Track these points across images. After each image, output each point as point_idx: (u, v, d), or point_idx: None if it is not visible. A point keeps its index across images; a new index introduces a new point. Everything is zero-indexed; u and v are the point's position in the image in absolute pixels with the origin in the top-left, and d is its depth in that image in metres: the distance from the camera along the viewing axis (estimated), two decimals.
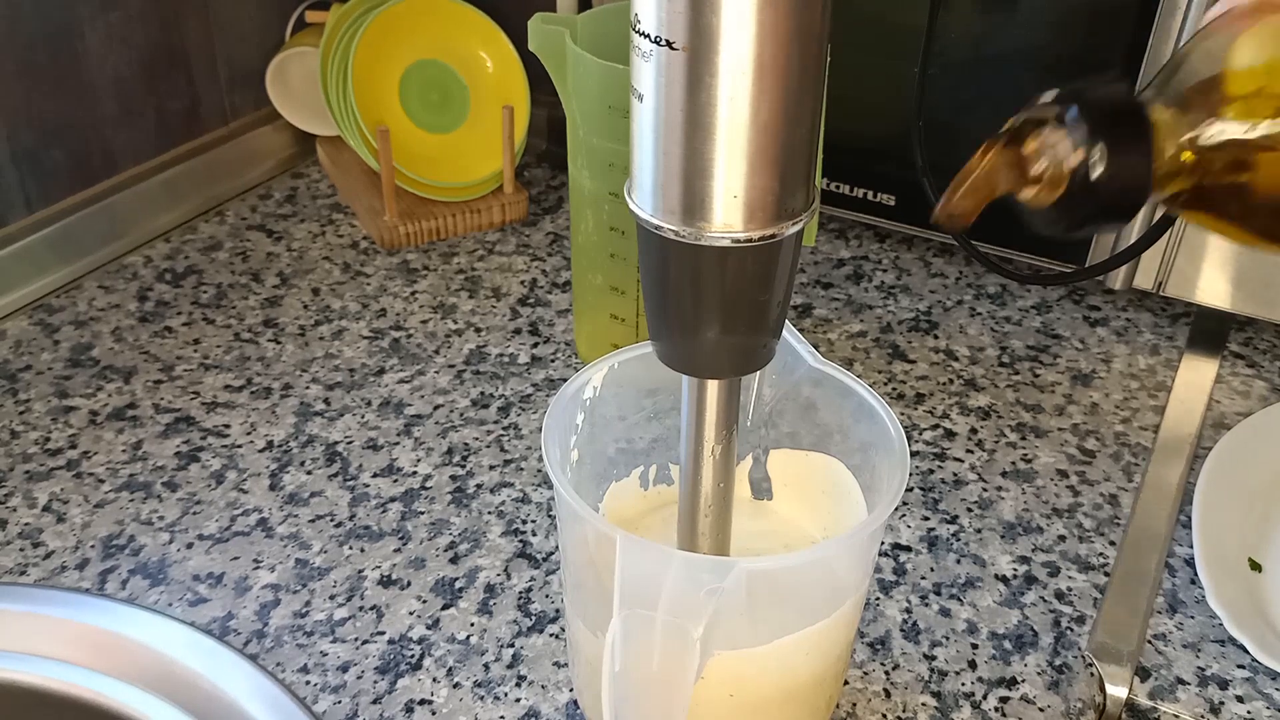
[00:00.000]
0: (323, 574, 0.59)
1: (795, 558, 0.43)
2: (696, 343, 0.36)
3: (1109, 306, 0.83)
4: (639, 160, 0.33)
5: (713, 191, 0.32)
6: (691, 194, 0.32)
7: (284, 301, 0.82)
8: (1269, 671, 0.54)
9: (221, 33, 0.94)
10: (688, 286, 0.34)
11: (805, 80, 0.32)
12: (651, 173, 0.33)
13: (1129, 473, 0.67)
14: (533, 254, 0.89)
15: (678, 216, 0.33)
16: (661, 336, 0.36)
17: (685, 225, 0.33)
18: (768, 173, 0.32)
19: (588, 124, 0.64)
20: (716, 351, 0.36)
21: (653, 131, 0.32)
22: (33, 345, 0.76)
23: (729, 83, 0.30)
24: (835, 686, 0.46)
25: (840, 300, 0.83)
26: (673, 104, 0.31)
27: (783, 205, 0.33)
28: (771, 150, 0.32)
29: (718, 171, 0.32)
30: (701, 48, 0.30)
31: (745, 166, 0.32)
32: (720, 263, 0.33)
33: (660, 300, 0.35)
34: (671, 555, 0.36)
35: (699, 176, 0.32)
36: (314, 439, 0.68)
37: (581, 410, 0.46)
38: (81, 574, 0.59)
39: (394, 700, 0.52)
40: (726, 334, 0.35)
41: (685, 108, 0.31)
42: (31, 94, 0.80)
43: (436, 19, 0.91)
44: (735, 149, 0.32)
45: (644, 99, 0.32)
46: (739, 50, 0.30)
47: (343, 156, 0.98)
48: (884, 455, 0.43)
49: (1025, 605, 0.58)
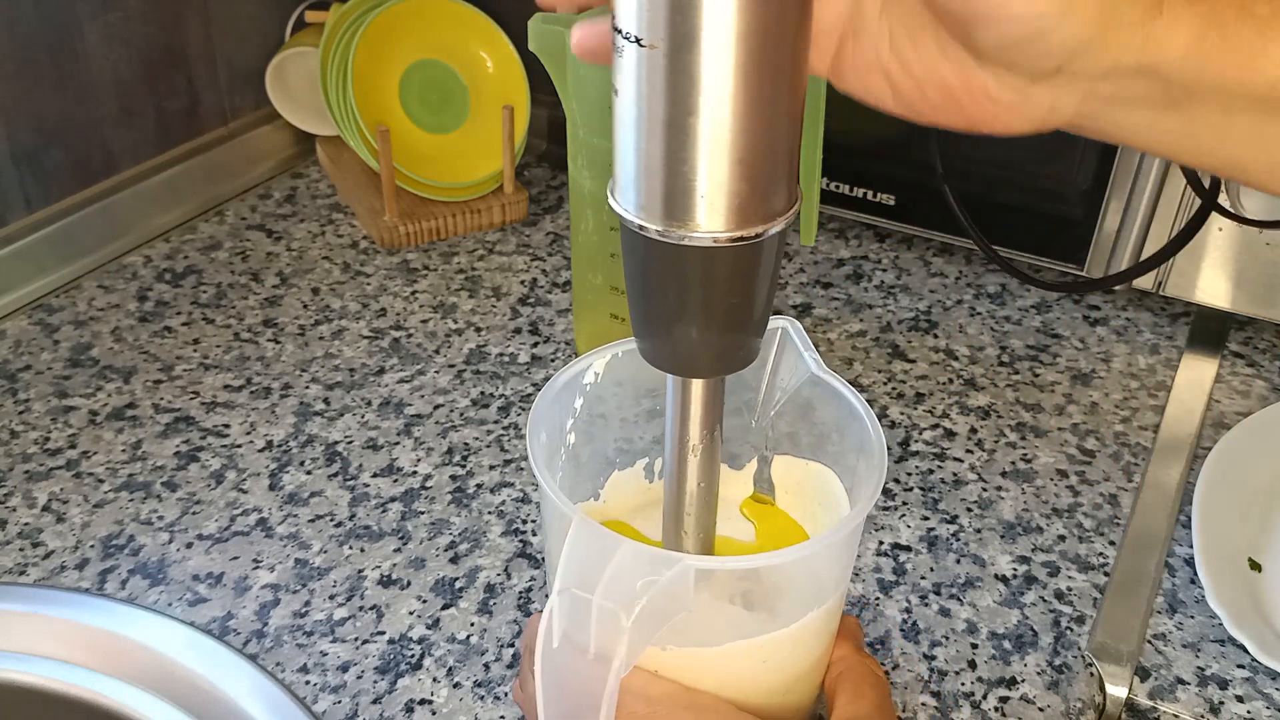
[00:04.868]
0: (323, 574, 0.59)
1: (745, 560, 0.43)
2: (679, 342, 0.36)
3: (1109, 306, 0.83)
4: (620, 160, 0.33)
5: (693, 192, 0.32)
6: (672, 194, 0.32)
7: (284, 301, 0.82)
8: (1269, 671, 0.54)
9: (221, 33, 0.94)
10: (670, 287, 0.34)
11: (784, 80, 0.31)
12: (632, 172, 0.33)
13: (1129, 473, 0.67)
14: (533, 254, 0.89)
15: (659, 216, 0.33)
16: (645, 335, 0.36)
17: (667, 225, 0.33)
18: (748, 173, 0.32)
19: (588, 124, 0.64)
20: (699, 351, 0.36)
21: (632, 131, 0.32)
22: (32, 345, 0.76)
23: (707, 82, 0.30)
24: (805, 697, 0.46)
25: (840, 300, 0.83)
26: (651, 103, 0.31)
27: (764, 205, 0.33)
28: (751, 150, 0.31)
29: (698, 172, 0.32)
30: (678, 47, 0.30)
31: (725, 167, 0.32)
32: (702, 263, 0.33)
33: (643, 300, 0.35)
34: (619, 542, 0.36)
35: (679, 177, 0.32)
36: (314, 439, 0.68)
37: (580, 395, 0.46)
38: (81, 574, 0.59)
39: (394, 700, 0.52)
40: (709, 333, 0.35)
41: (663, 107, 0.31)
42: (31, 94, 0.80)
43: (436, 19, 0.91)
44: (715, 149, 0.31)
45: (622, 97, 0.32)
46: (717, 49, 0.30)
47: (343, 156, 0.98)
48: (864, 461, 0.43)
49: (1025, 605, 0.58)
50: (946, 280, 0.86)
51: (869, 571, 0.60)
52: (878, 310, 0.82)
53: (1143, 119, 0.32)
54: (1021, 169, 0.77)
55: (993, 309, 0.83)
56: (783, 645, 0.42)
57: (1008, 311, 0.82)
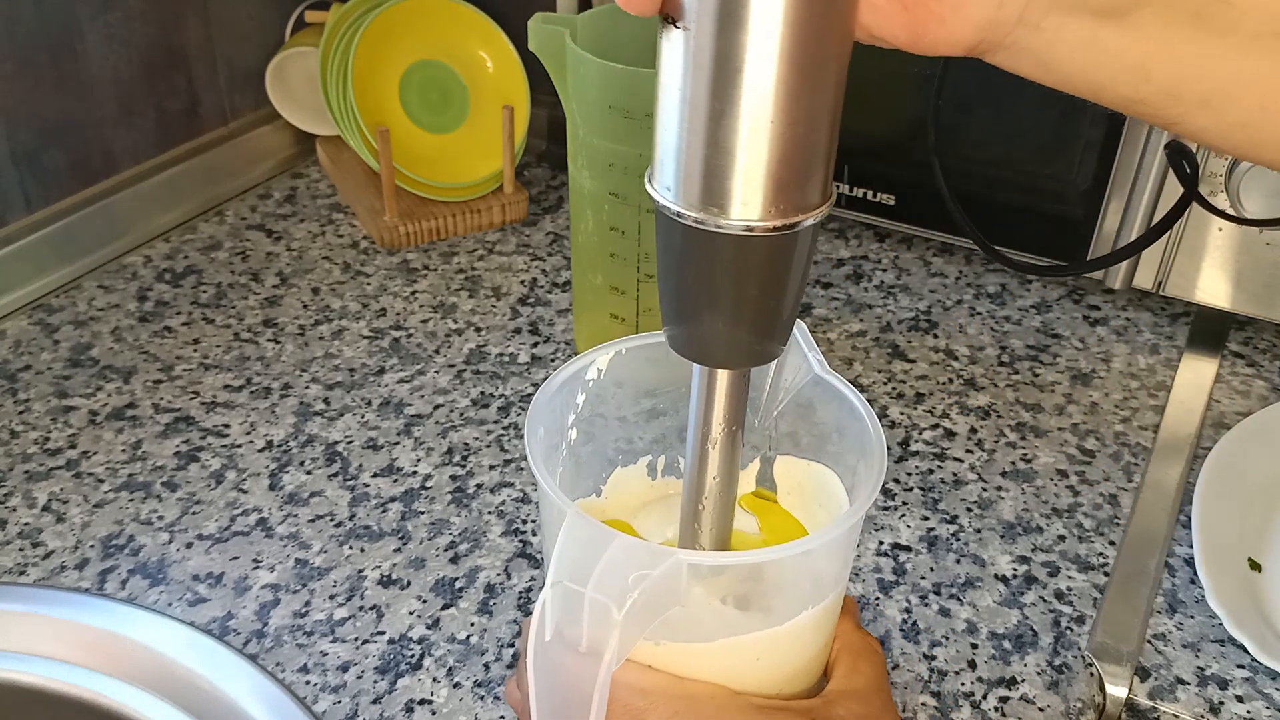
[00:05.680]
0: (323, 574, 0.59)
1: (740, 556, 0.43)
2: (707, 330, 0.36)
3: (1109, 306, 0.83)
4: (660, 145, 0.34)
5: (731, 180, 0.32)
6: (709, 182, 0.32)
7: (284, 301, 0.82)
8: (1269, 671, 0.54)
9: (221, 33, 0.94)
10: (703, 274, 0.34)
11: (829, 71, 0.31)
12: (671, 158, 0.33)
13: (1129, 472, 0.67)
14: (533, 254, 0.89)
15: (695, 203, 0.33)
16: (674, 322, 0.37)
17: (702, 212, 0.33)
18: (787, 163, 0.32)
19: (588, 124, 0.64)
20: (727, 341, 0.36)
21: (674, 116, 0.32)
22: (32, 345, 0.76)
23: (750, 68, 0.30)
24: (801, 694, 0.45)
25: (840, 300, 0.83)
26: (694, 89, 0.31)
27: (801, 196, 0.33)
28: (791, 141, 0.32)
29: (736, 160, 0.32)
30: (722, 31, 0.30)
31: (765, 156, 0.32)
32: (736, 251, 0.33)
33: (675, 287, 0.36)
34: (612, 536, 0.36)
35: (717, 164, 0.32)
36: (314, 439, 0.68)
37: (583, 391, 0.46)
38: (81, 574, 0.59)
39: (394, 700, 0.52)
40: (738, 323, 0.35)
41: (706, 93, 0.31)
42: (31, 94, 0.80)
43: (436, 19, 0.91)
44: (755, 138, 0.31)
45: (664, 82, 0.32)
46: (762, 35, 0.30)
47: (343, 156, 0.98)
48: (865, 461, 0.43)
49: (1025, 605, 0.58)
50: (946, 280, 0.86)
51: (869, 571, 0.60)
52: (878, 310, 0.82)
53: (1082, 30, 0.32)
54: (1021, 169, 0.77)
55: (993, 309, 0.83)
56: (778, 643, 0.42)
57: (1008, 311, 0.82)
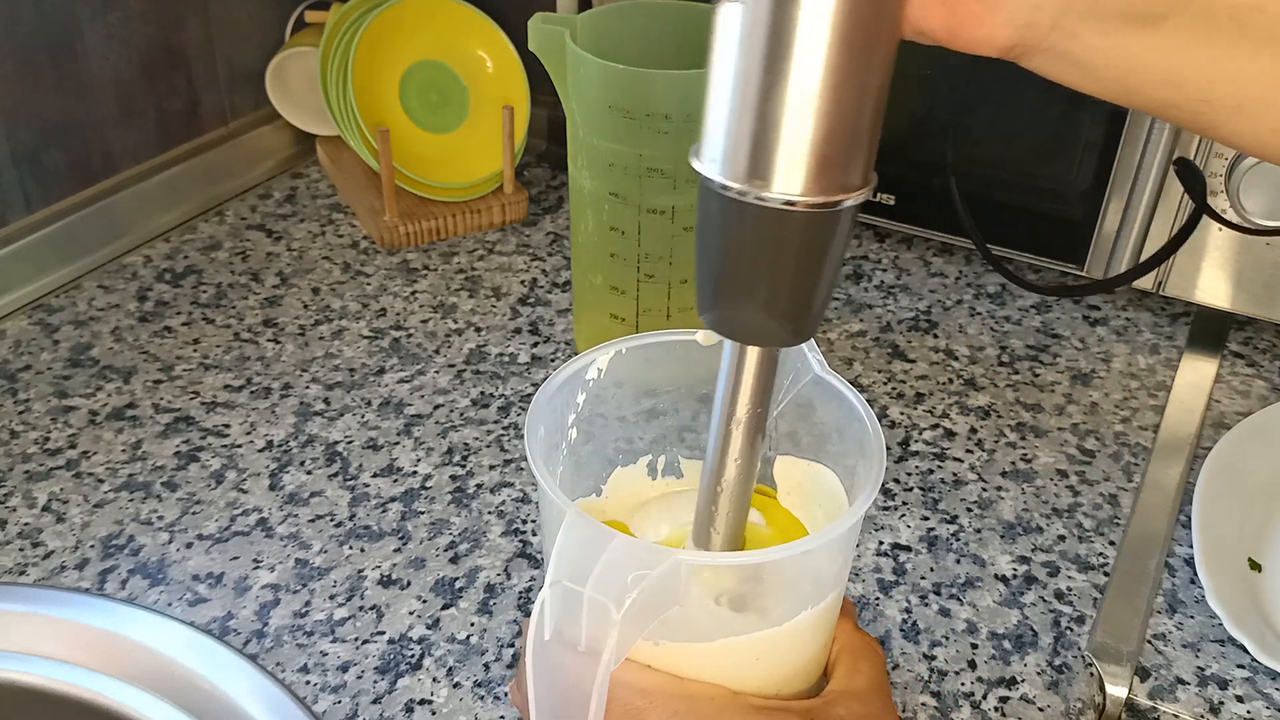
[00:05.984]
0: (323, 574, 0.59)
1: (739, 557, 0.43)
2: (742, 307, 0.36)
3: (1108, 306, 0.83)
4: (708, 118, 0.34)
5: (776, 153, 0.33)
6: (755, 155, 0.33)
7: (284, 301, 0.82)
8: (1269, 671, 0.54)
9: (221, 33, 0.94)
10: (742, 249, 0.35)
11: (877, 52, 0.32)
12: (719, 131, 0.33)
13: (1129, 472, 0.67)
14: (533, 254, 0.89)
15: (739, 176, 0.33)
16: (709, 297, 0.37)
17: (746, 185, 0.33)
18: (831, 140, 0.32)
19: (588, 124, 0.64)
20: (761, 319, 0.36)
21: (725, 90, 0.33)
22: (32, 345, 0.76)
23: (801, 43, 0.31)
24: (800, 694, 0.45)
25: (840, 300, 0.83)
26: (747, 61, 0.32)
27: (843, 176, 0.33)
28: (838, 118, 0.32)
29: (782, 133, 0.32)
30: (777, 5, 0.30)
31: (810, 131, 0.32)
32: (776, 226, 0.34)
33: (713, 262, 0.36)
34: (611, 536, 0.36)
35: (763, 137, 0.33)
36: (314, 439, 0.68)
37: (583, 390, 0.46)
38: (81, 574, 0.59)
39: (394, 700, 0.52)
40: (774, 302, 0.36)
41: (759, 67, 0.32)
42: (31, 94, 0.80)
43: (436, 19, 0.91)
44: (802, 112, 0.32)
45: (717, 55, 0.33)
46: (816, 11, 0.30)
47: (343, 156, 0.98)
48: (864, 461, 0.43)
49: (1025, 605, 0.58)
50: (946, 280, 0.86)
51: (869, 571, 0.60)
52: (878, 310, 0.82)
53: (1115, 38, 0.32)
54: (1021, 169, 0.77)
55: (993, 309, 0.83)
56: (778, 643, 0.42)
57: (1008, 311, 0.82)
